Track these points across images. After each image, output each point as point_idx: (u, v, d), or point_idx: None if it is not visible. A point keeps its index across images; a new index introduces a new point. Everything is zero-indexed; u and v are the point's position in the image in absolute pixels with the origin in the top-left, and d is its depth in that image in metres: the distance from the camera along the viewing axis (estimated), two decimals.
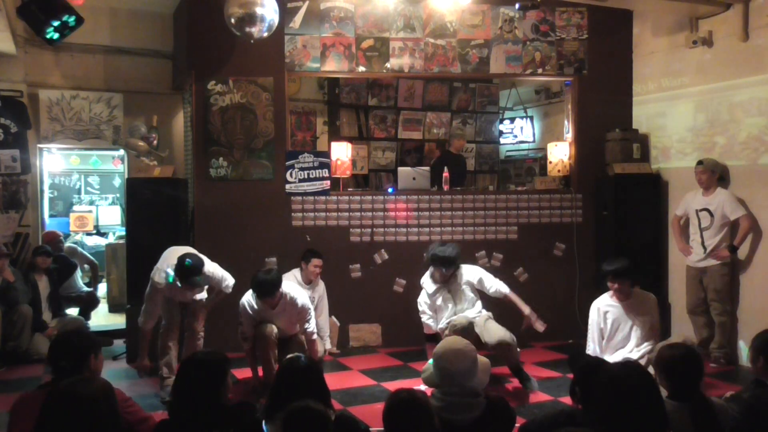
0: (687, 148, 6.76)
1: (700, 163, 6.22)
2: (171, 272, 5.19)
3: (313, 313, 5.61)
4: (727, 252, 6.06)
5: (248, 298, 5.40)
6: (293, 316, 5.47)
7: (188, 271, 5.12)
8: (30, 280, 6.66)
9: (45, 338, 6.32)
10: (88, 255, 8.52)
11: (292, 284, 5.61)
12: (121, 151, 7.66)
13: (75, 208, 10.64)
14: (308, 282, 6.19)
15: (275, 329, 5.39)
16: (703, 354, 5.68)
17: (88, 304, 7.59)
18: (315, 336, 5.63)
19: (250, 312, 5.40)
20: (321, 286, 6.42)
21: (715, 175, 6.17)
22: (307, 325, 5.51)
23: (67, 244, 8.57)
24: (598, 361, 3.51)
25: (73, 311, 7.42)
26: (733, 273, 6.17)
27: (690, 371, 2.90)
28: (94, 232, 10.38)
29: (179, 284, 5.18)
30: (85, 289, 7.86)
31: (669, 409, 2.53)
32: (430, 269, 5.67)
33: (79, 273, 8.03)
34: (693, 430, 2.75)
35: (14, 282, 6.39)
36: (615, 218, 6.91)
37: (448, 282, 5.62)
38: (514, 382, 5.66)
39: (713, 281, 6.09)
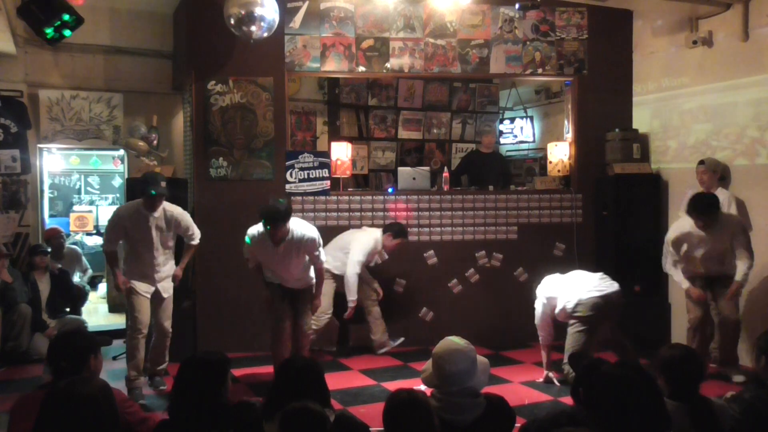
0: (687, 148, 6.75)
1: (701, 162, 6.22)
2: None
3: (322, 249, 5.40)
4: None
5: (256, 228, 5.26)
6: (300, 253, 5.25)
7: (149, 180, 5.21)
8: (30, 280, 6.66)
9: (45, 338, 6.32)
10: (86, 262, 8.49)
11: (300, 221, 5.42)
12: (121, 151, 7.66)
13: (75, 208, 10.65)
14: (376, 251, 6.28)
15: (288, 323, 5.33)
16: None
17: (77, 299, 7.52)
18: (325, 265, 5.50)
19: (255, 245, 5.26)
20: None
21: (716, 175, 6.16)
22: (316, 256, 5.32)
23: (70, 245, 8.54)
24: (600, 362, 3.50)
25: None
26: None
27: (690, 371, 2.90)
28: (94, 232, 10.38)
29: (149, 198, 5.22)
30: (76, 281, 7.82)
31: (669, 410, 2.53)
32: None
33: (78, 275, 8.03)
34: (693, 431, 2.75)
35: (12, 282, 6.38)
36: (615, 218, 6.91)
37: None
38: (514, 382, 5.68)
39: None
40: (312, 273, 5.45)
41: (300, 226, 5.27)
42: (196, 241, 5.62)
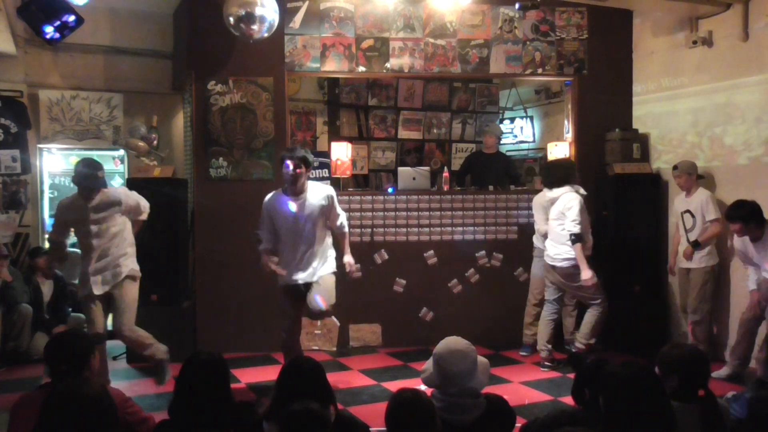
0: (687, 148, 6.75)
1: (675, 167, 6.26)
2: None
3: (341, 209, 5.22)
4: (691, 249, 6.07)
5: (269, 196, 5.12)
6: (316, 209, 4.99)
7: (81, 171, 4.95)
8: (32, 282, 6.63)
9: (45, 338, 6.30)
10: None
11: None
12: (121, 151, 7.66)
13: None
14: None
15: (298, 333, 5.10)
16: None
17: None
18: (345, 230, 5.24)
19: (267, 209, 5.05)
20: None
21: (692, 177, 6.19)
22: (336, 215, 5.12)
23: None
24: (603, 361, 3.50)
25: None
26: (719, 275, 6.17)
27: (696, 371, 2.89)
28: None
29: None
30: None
31: (674, 410, 2.51)
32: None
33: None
34: (699, 431, 2.74)
35: (12, 282, 6.37)
36: (615, 218, 6.91)
37: None
38: (514, 382, 5.68)
39: (695, 280, 6.11)
40: (330, 259, 5.13)
41: (318, 184, 5.15)
42: (145, 213, 5.26)
